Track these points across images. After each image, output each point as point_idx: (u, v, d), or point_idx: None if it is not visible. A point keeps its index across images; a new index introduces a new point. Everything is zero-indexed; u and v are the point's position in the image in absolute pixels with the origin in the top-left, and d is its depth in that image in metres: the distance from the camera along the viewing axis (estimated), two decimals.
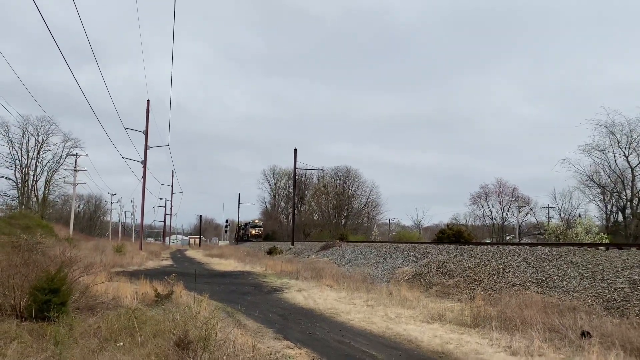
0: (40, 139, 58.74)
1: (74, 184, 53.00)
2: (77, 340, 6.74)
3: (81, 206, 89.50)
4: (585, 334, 8.70)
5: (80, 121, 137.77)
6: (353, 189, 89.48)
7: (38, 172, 59.53)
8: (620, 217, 45.76)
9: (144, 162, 39.54)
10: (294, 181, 53.70)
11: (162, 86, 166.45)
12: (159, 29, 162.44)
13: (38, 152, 58.86)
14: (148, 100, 39.75)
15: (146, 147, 39.53)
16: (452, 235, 35.83)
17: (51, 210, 67.01)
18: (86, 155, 54.29)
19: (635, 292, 11.22)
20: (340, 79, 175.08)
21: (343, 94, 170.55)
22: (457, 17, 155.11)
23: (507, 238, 70.15)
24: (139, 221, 58.69)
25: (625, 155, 42.65)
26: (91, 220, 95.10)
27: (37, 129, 57.97)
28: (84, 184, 55.30)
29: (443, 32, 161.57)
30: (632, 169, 42.41)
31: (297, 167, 46.90)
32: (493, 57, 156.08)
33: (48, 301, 7.73)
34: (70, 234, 43.70)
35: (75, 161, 52.93)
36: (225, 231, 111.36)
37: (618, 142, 42.72)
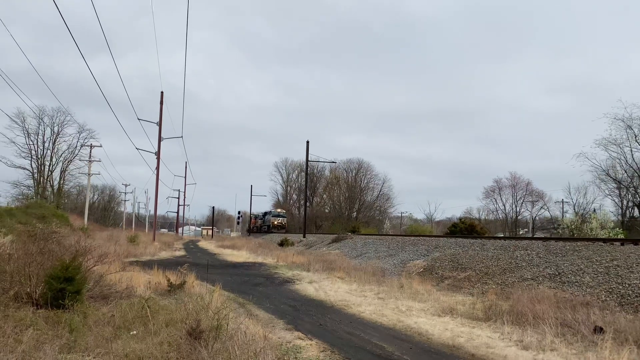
0: (55, 129, 59.28)
1: (89, 174, 53.54)
2: (92, 328, 6.84)
3: (95, 196, 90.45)
4: (598, 330, 8.63)
5: (93, 110, 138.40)
6: (365, 181, 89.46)
7: (53, 163, 60.12)
8: (636, 213, 45.17)
9: (158, 154, 39.80)
10: (306, 173, 53.75)
11: (174, 75, 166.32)
12: (170, 17, 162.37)
13: (53, 143, 59.43)
14: (162, 92, 39.97)
15: (160, 139, 39.79)
16: (464, 229, 35.68)
17: (66, 201, 67.74)
18: (100, 146, 54.85)
19: None
20: (354, 69, 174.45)
21: (356, 84, 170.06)
22: (473, 8, 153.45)
23: (521, 232, 69.57)
24: (152, 212, 59.26)
25: None
26: (105, 210, 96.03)
27: (52, 119, 58.50)
28: (99, 174, 56.08)
29: (459, 22, 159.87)
30: None
31: (309, 159, 46.91)
32: (510, 48, 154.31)
33: (63, 289, 7.85)
34: (85, 224, 44.22)
35: (90, 152, 53.39)
36: (238, 222, 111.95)
37: (635, 136, 42.09)
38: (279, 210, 75.52)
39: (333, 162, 67.41)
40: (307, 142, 45.33)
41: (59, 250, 10.32)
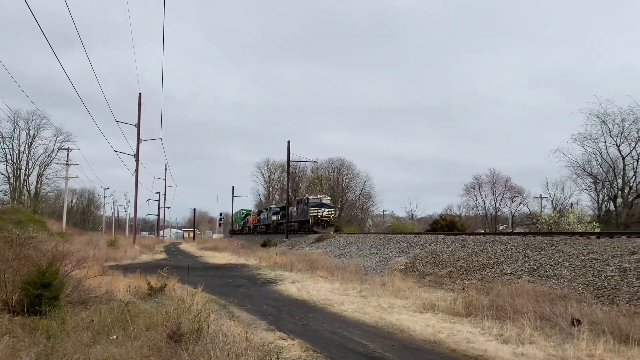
0: (31, 133, 58.33)
1: (66, 178, 52.73)
2: (70, 333, 6.74)
3: (74, 200, 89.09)
4: (575, 322, 8.79)
5: (65, 110, 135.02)
6: (347, 180, 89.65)
7: (30, 167, 59.14)
8: (611, 206, 46.15)
9: (137, 156, 39.34)
10: (288, 173, 53.63)
11: (149, 70, 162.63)
12: (143, 9, 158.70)
13: (29, 147, 58.46)
14: (140, 94, 39.49)
15: (138, 141, 39.30)
16: (445, 225, 36.05)
17: (44, 205, 66.61)
18: (78, 149, 54.00)
19: (625, 280, 11.33)
20: (336, 65, 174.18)
21: (338, 81, 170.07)
22: (455, 1, 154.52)
23: (500, 228, 70.55)
24: (132, 215, 58.52)
25: (617, 145, 42.92)
26: (84, 214, 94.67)
27: (28, 123, 57.55)
28: (77, 178, 54.97)
29: (440, 16, 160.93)
30: (623, 158, 42.72)
31: (290, 159, 46.82)
32: (492, 42, 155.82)
33: (40, 295, 7.73)
34: (63, 229, 43.52)
35: (67, 155, 52.62)
36: (220, 224, 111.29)
37: (610, 132, 43.00)
38: (321, 196, 46.01)
39: (315, 161, 67.13)
40: (289, 142, 45.10)
41: (35, 256, 10.15)
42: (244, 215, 79.00)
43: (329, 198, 47.32)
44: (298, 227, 46.52)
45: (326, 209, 43.07)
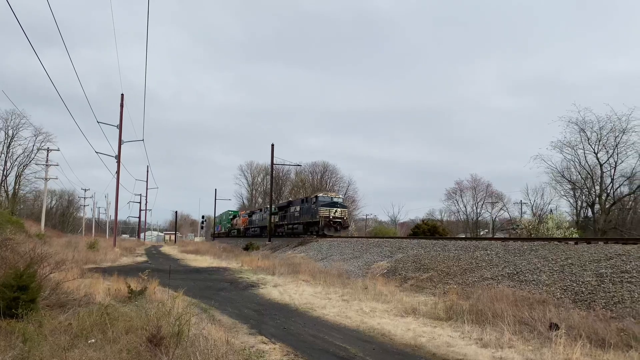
0: (10, 132, 57.27)
1: (46, 179, 51.88)
2: (47, 337, 6.63)
3: (53, 202, 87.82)
4: (553, 326, 8.94)
5: (45, 109, 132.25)
6: (330, 184, 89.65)
7: (8, 167, 58.02)
8: (589, 213, 46.90)
9: (118, 157, 38.89)
10: (271, 177, 53.53)
11: (131, 70, 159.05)
12: (125, 9, 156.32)
13: (8, 147, 57.37)
14: (122, 95, 39.05)
15: (120, 143, 38.87)
16: (427, 230, 36.31)
17: (22, 206, 65.50)
18: (58, 150, 53.33)
19: (602, 285, 11.55)
20: (319, 68, 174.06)
21: (322, 84, 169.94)
22: (438, 7, 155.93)
23: (481, 233, 71.28)
24: (113, 217, 57.80)
25: (594, 152, 43.66)
26: (64, 216, 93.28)
27: (6, 122, 56.50)
28: (56, 179, 54.35)
29: (424, 22, 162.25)
30: (601, 166, 43.44)
31: (274, 162, 46.77)
32: (474, 49, 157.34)
33: (16, 298, 7.59)
34: (42, 230, 42.74)
35: (47, 156, 51.76)
36: (202, 227, 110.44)
37: (588, 139, 43.72)
38: (332, 194, 40.28)
39: (298, 165, 67.16)
40: (272, 145, 45.02)
41: (12, 258, 9.97)
42: (231, 217, 73.98)
43: (340, 197, 41.40)
44: (303, 229, 39.99)
45: (339, 209, 36.98)
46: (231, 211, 78.91)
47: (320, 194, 38.54)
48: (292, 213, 42.69)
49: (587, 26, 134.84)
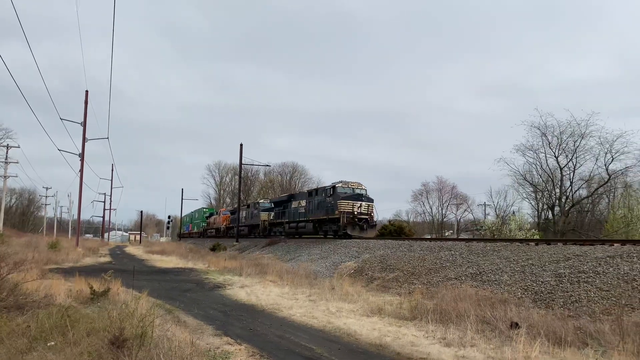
0: None
1: (5, 176, 50.22)
2: (4, 340, 6.44)
3: (13, 200, 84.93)
4: (514, 325, 9.19)
5: (5, 104, 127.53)
6: (300, 185, 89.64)
7: None
8: (550, 215, 48.28)
9: (82, 155, 37.95)
10: (240, 177, 53.20)
11: (95, 65, 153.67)
12: (91, 2, 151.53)
13: None
14: (87, 91, 38.20)
15: (84, 140, 37.96)
16: (394, 231, 36.62)
17: None
18: (18, 147, 51.52)
19: (560, 285, 11.94)
20: (288, 67, 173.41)
21: (290, 84, 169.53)
22: (407, 10, 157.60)
23: (446, 234, 72.48)
24: (75, 216, 56.29)
25: (555, 156, 45.02)
26: (24, 215, 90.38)
27: None
28: (16, 177, 52.56)
29: (393, 23, 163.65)
30: (561, 169, 44.82)
31: (243, 162, 46.46)
32: (442, 52, 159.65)
33: None
34: (0, 230, 41.33)
35: (7, 152, 50.10)
36: (168, 227, 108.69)
37: (549, 143, 45.04)
38: (354, 184, 30.80)
39: (267, 165, 66.82)
40: (241, 145, 44.71)
41: None
42: (206, 216, 66.01)
43: (365, 187, 31.07)
44: (315, 229, 32.92)
45: (364, 203, 29.45)
46: (206, 209, 72.95)
47: (339, 184, 30.39)
48: (295, 209, 35.64)
49: (550, 32, 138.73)
